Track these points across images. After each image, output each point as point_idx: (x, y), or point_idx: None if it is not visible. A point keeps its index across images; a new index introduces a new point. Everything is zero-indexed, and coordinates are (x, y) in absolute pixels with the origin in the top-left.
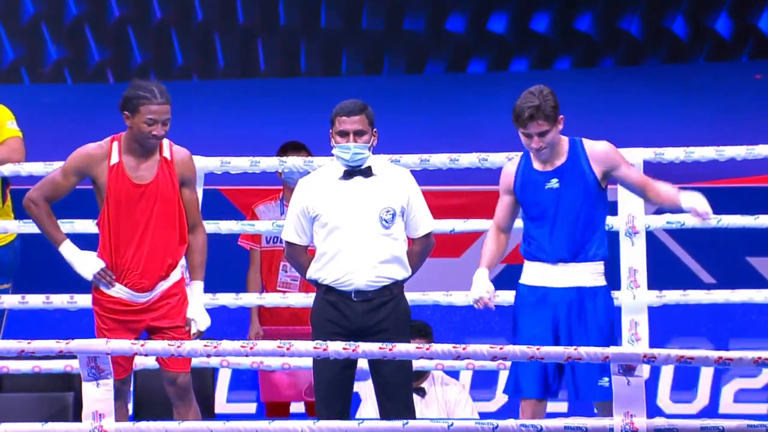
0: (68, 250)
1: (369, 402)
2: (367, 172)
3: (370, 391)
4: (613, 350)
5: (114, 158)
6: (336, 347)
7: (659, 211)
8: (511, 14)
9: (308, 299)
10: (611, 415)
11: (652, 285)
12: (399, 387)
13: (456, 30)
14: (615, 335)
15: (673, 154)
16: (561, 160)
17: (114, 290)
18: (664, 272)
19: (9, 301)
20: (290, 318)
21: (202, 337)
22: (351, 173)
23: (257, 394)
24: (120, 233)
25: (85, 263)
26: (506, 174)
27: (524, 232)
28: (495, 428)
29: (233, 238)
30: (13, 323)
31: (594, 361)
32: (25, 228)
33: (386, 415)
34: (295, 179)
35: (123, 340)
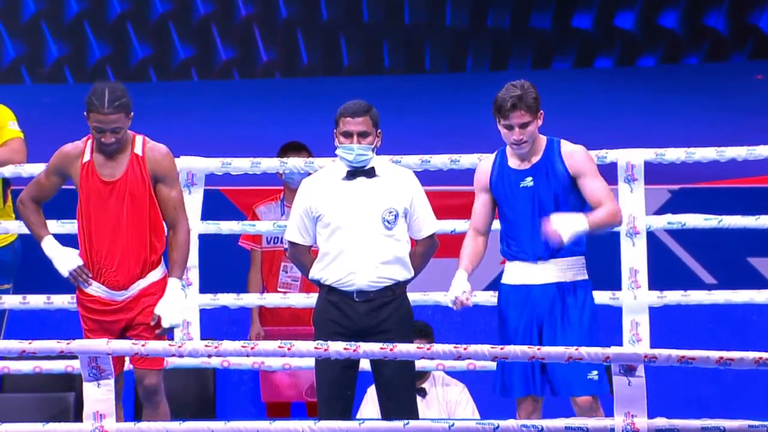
0: (49, 246)
1: (370, 403)
2: (371, 173)
3: (373, 393)
4: (614, 350)
5: (86, 156)
6: (337, 347)
7: (660, 211)
8: (596, 11)
9: (309, 300)
10: (593, 412)
11: (653, 285)
12: (401, 387)
13: (541, 26)
14: (597, 328)
15: (674, 155)
16: (536, 158)
17: (92, 288)
18: (665, 273)
19: (10, 302)
20: (291, 318)
21: (168, 335)
22: (354, 174)
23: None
24: (93, 231)
25: (64, 260)
26: (482, 172)
27: (502, 233)
28: (496, 428)
29: (234, 239)
30: (14, 324)
31: (594, 361)
32: (26, 229)
33: (388, 416)
34: (296, 180)
35: (124, 341)
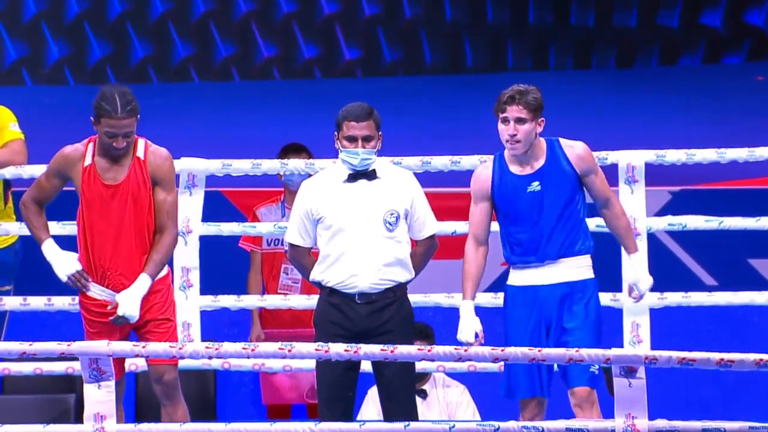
0: (49, 250)
1: (371, 404)
2: (372, 175)
3: (374, 394)
4: (615, 352)
5: (87, 160)
6: (337, 349)
7: (661, 213)
8: (681, 8)
9: (309, 301)
10: (589, 405)
11: (654, 287)
12: (401, 389)
13: (627, 24)
14: (601, 327)
15: (675, 156)
16: (540, 162)
17: (97, 293)
18: (666, 274)
19: (10, 303)
20: (291, 320)
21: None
22: (355, 176)
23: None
24: (95, 234)
25: (62, 264)
26: (481, 179)
27: (504, 238)
28: (497, 430)
29: (234, 240)
30: (15, 325)
31: (595, 362)
32: (27, 230)
33: (389, 417)
34: (295, 181)
35: (124, 342)
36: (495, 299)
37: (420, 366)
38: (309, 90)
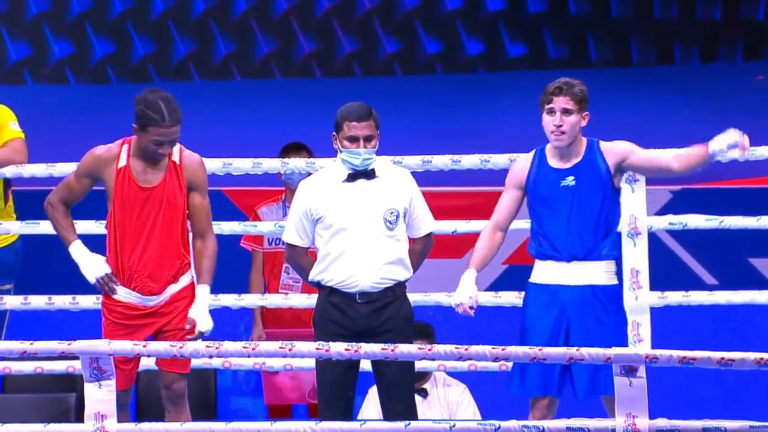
0: (77, 251)
1: (371, 404)
2: (371, 175)
3: (374, 394)
4: (615, 351)
5: (122, 161)
6: (338, 348)
7: (661, 212)
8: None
9: (310, 300)
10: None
11: (655, 286)
12: (401, 388)
13: (753, 17)
14: (625, 333)
15: None
16: (578, 159)
17: (123, 295)
18: (667, 273)
19: (11, 302)
20: (292, 320)
21: (203, 339)
22: (355, 175)
23: (260, 395)
24: (125, 236)
25: (91, 266)
26: (519, 169)
27: (533, 231)
28: (497, 429)
29: (235, 240)
30: (15, 324)
31: (596, 362)
32: (27, 229)
33: (389, 416)
34: (296, 180)
35: (125, 341)
36: (495, 298)
37: (420, 365)
38: (309, 89)
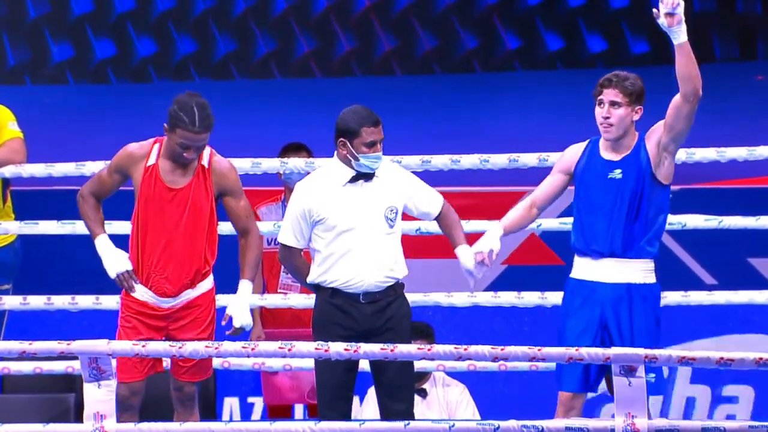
0: (102, 245)
1: (371, 404)
2: (371, 175)
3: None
4: (615, 351)
5: (151, 160)
6: (337, 348)
7: None
8: None
9: (309, 300)
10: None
11: None
12: (402, 388)
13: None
14: (656, 334)
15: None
16: (627, 152)
17: (139, 294)
18: (666, 273)
19: (10, 302)
20: (291, 320)
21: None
22: (357, 177)
23: (259, 395)
24: (147, 235)
25: (114, 262)
26: (571, 154)
27: (575, 224)
28: (496, 429)
29: (235, 240)
30: (14, 324)
31: (595, 362)
32: (26, 229)
33: (388, 416)
34: (294, 180)
35: (124, 341)
36: (495, 298)
37: (420, 365)
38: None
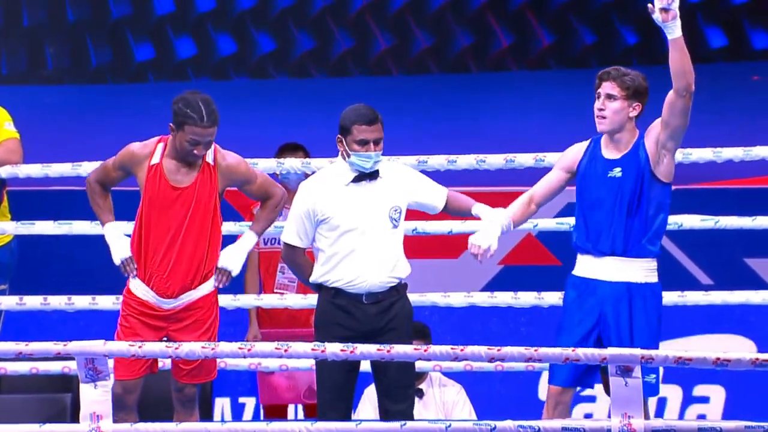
0: (110, 232)
1: (367, 403)
2: (375, 175)
3: (370, 393)
4: (611, 351)
5: (155, 159)
6: (333, 349)
7: None
8: None
9: (306, 301)
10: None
11: None
12: (403, 388)
13: None
14: (655, 334)
15: None
16: (626, 150)
17: (140, 293)
18: (662, 273)
19: (6, 303)
20: (288, 320)
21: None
22: (360, 177)
23: (255, 396)
24: (151, 235)
25: (119, 248)
26: (573, 152)
27: (577, 223)
28: (493, 429)
29: (231, 240)
30: (10, 324)
31: (591, 362)
32: (22, 229)
33: (388, 416)
34: (292, 180)
35: (120, 342)
36: (491, 298)
37: (416, 365)
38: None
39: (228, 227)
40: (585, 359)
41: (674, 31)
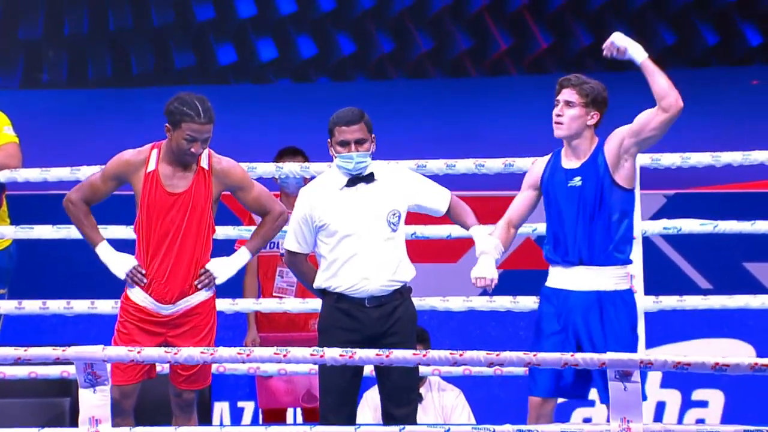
0: (104, 252)
1: (366, 408)
2: (370, 178)
3: (370, 397)
4: (610, 356)
5: (151, 166)
6: (332, 354)
7: (656, 216)
8: None
9: (305, 305)
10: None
11: (649, 290)
12: (407, 391)
13: None
14: (635, 340)
15: (670, 160)
16: (585, 159)
17: (139, 299)
18: (661, 278)
19: (5, 307)
20: (287, 324)
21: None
22: (354, 180)
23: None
24: (150, 241)
25: (119, 263)
26: (536, 168)
27: (547, 234)
28: None
29: (230, 244)
30: (9, 329)
31: (591, 367)
32: (21, 233)
33: (391, 420)
34: (290, 185)
35: (119, 347)
36: (490, 303)
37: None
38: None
39: (226, 231)
40: (584, 364)
41: (637, 56)
